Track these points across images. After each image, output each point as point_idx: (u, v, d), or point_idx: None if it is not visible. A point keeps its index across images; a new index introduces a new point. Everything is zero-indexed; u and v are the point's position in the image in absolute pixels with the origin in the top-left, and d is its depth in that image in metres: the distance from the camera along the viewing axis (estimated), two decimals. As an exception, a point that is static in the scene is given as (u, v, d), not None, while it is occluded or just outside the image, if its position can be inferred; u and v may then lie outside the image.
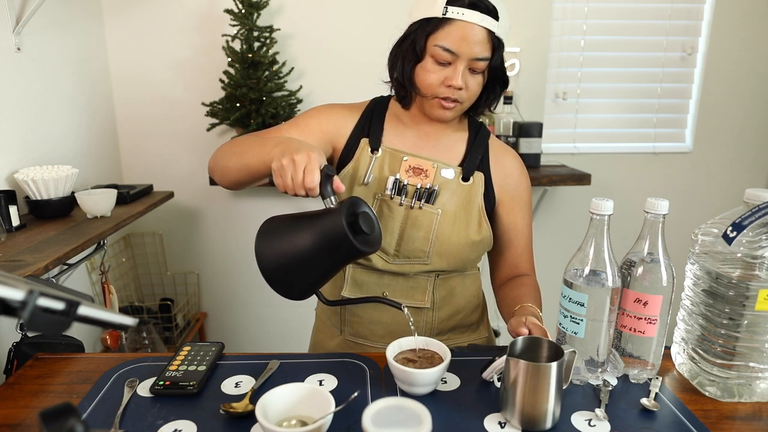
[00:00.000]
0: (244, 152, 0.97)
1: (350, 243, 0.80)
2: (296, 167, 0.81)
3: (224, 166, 1.01)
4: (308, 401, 0.73)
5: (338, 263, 0.86)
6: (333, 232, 0.81)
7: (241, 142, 1.00)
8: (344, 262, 0.87)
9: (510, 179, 1.10)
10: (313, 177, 0.81)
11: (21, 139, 1.59)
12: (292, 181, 0.82)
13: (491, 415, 0.78)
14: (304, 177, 0.81)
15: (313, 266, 0.85)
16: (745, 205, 0.81)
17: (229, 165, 1.00)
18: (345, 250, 0.82)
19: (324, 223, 0.83)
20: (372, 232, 0.86)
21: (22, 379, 0.90)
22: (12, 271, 1.12)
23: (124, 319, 0.56)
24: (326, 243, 0.82)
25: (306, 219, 0.85)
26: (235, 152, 0.99)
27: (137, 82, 2.18)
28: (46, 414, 0.45)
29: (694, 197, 2.46)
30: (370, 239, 0.86)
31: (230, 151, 1.01)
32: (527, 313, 0.95)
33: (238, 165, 0.97)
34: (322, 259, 0.84)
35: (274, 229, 0.86)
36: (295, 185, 0.82)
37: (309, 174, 0.81)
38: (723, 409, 0.82)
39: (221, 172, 1.03)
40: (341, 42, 2.19)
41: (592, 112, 2.37)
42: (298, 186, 0.82)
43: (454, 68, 0.96)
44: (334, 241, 0.81)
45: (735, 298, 0.80)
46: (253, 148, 0.95)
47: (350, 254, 0.84)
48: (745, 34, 2.28)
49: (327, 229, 0.82)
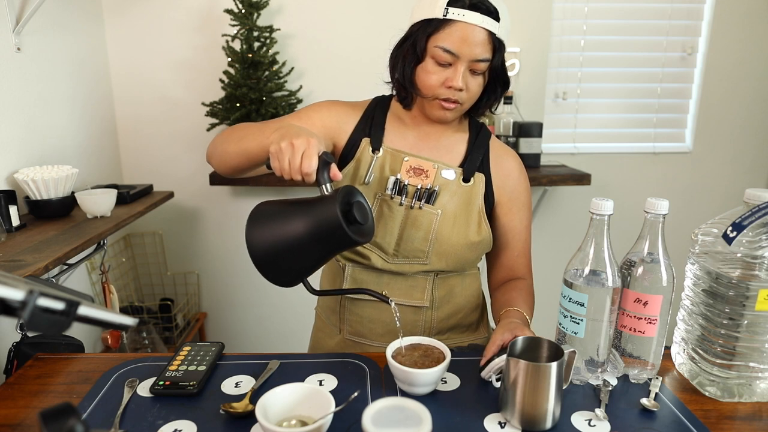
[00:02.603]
0: (243, 137, 0.96)
1: (343, 231, 0.79)
2: (294, 151, 0.80)
3: (223, 151, 1.01)
4: (308, 401, 0.73)
5: (329, 252, 0.85)
6: (327, 219, 0.80)
7: (242, 128, 1.00)
8: (335, 251, 0.86)
9: (509, 180, 1.09)
10: (311, 162, 0.80)
11: (21, 139, 1.59)
12: (289, 165, 0.81)
13: (491, 415, 0.79)
14: (301, 161, 0.80)
15: (304, 253, 0.83)
16: (745, 205, 0.81)
17: (228, 150, 0.99)
18: (337, 238, 0.81)
19: (318, 209, 0.81)
20: (365, 223, 0.86)
21: (22, 379, 0.90)
22: (12, 271, 1.12)
23: (124, 319, 0.56)
24: (319, 230, 0.81)
25: (299, 205, 0.84)
26: (234, 137, 0.99)
27: (137, 82, 2.18)
28: (46, 414, 0.45)
29: (694, 197, 2.46)
30: (363, 229, 0.85)
31: (230, 136, 1.01)
32: (512, 317, 0.95)
33: (238, 150, 0.97)
34: (313, 246, 0.82)
35: (266, 214, 0.84)
36: (292, 169, 0.81)
37: (307, 159, 0.80)
38: (723, 409, 0.82)
39: (220, 157, 1.02)
40: (341, 42, 2.19)
41: (592, 112, 2.37)
42: (295, 170, 0.81)
43: (455, 69, 0.96)
44: (328, 229, 0.80)
45: (735, 298, 0.80)
46: (253, 133, 0.95)
47: (342, 243, 0.83)
48: (745, 34, 2.28)
49: (321, 216, 0.81)
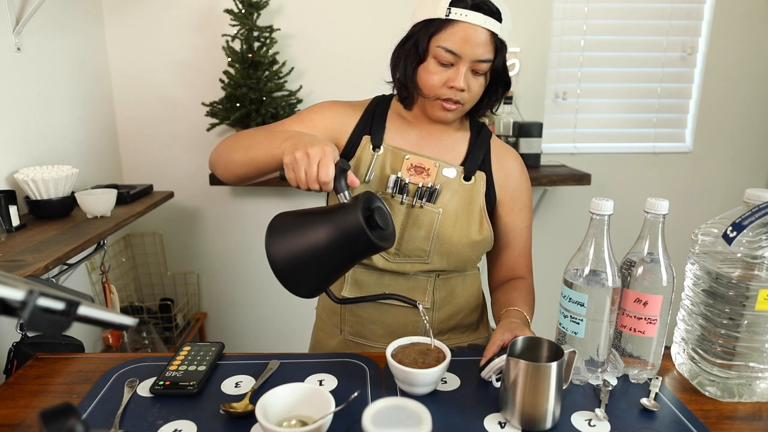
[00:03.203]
0: (251, 146, 0.95)
1: (367, 238, 0.79)
2: (310, 161, 0.80)
3: (229, 160, 0.99)
4: (308, 401, 0.73)
5: (353, 259, 0.85)
6: (349, 227, 0.79)
7: (248, 135, 0.98)
8: (359, 258, 0.86)
9: (511, 180, 1.09)
10: (327, 170, 0.80)
11: (21, 139, 1.59)
12: (305, 175, 0.81)
13: (491, 415, 0.79)
14: (318, 170, 0.80)
15: (328, 262, 0.83)
16: (745, 205, 0.81)
17: (234, 158, 0.98)
18: (361, 245, 0.80)
19: (340, 217, 0.81)
20: (387, 228, 0.85)
21: (22, 379, 0.90)
22: (12, 271, 1.12)
23: (124, 319, 0.56)
24: (342, 238, 0.80)
25: (320, 214, 0.83)
26: (241, 146, 0.97)
27: (137, 82, 2.18)
28: (46, 414, 0.45)
29: (694, 197, 2.46)
30: (385, 234, 0.85)
31: (236, 144, 0.99)
32: (512, 317, 0.95)
33: (245, 158, 0.95)
34: (336, 254, 0.82)
35: (286, 224, 0.84)
36: (309, 179, 0.81)
37: (324, 167, 0.80)
38: (723, 409, 0.82)
39: (225, 165, 1.00)
40: (341, 42, 2.19)
41: (592, 112, 2.37)
42: (312, 180, 0.80)
43: (456, 70, 0.96)
44: (351, 236, 0.80)
45: (735, 298, 0.80)
46: (261, 141, 0.93)
47: (366, 249, 0.82)
48: (745, 34, 2.28)
49: (343, 224, 0.80)
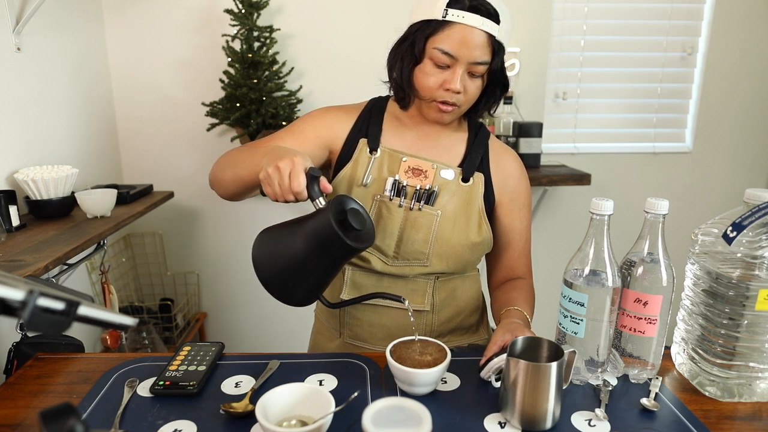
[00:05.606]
0: (236, 164, 0.98)
1: (341, 241, 0.80)
2: (281, 173, 0.82)
3: (221, 179, 1.03)
4: (308, 401, 0.73)
5: (334, 264, 0.86)
6: (323, 232, 0.81)
7: (235, 154, 1.02)
8: (340, 261, 0.87)
9: (510, 180, 1.09)
10: (298, 180, 0.81)
11: (21, 139, 1.59)
12: (279, 188, 0.83)
13: (491, 415, 0.79)
14: (290, 182, 0.81)
15: (310, 270, 0.84)
16: (745, 205, 0.81)
17: (224, 178, 1.01)
18: (337, 248, 0.82)
19: (313, 224, 0.82)
20: (363, 228, 0.86)
21: (22, 379, 0.90)
22: (12, 271, 1.12)
23: (124, 319, 0.56)
24: (318, 244, 0.82)
25: (296, 224, 0.85)
26: (229, 165, 1.01)
27: (137, 82, 2.18)
28: (46, 414, 0.45)
29: (694, 197, 2.46)
30: (361, 235, 0.85)
31: (225, 163, 1.02)
32: (512, 317, 0.95)
33: (233, 177, 0.99)
34: (316, 261, 0.83)
35: (268, 238, 0.86)
36: (283, 191, 0.83)
37: (294, 178, 0.81)
38: (723, 409, 0.82)
39: (219, 184, 1.04)
40: (341, 42, 2.19)
41: (592, 112, 2.37)
42: (286, 191, 0.82)
43: (453, 72, 0.95)
44: (326, 241, 0.81)
45: (735, 298, 0.80)
46: (245, 160, 0.96)
47: (344, 252, 0.83)
48: (745, 34, 2.28)
49: (317, 230, 0.82)
